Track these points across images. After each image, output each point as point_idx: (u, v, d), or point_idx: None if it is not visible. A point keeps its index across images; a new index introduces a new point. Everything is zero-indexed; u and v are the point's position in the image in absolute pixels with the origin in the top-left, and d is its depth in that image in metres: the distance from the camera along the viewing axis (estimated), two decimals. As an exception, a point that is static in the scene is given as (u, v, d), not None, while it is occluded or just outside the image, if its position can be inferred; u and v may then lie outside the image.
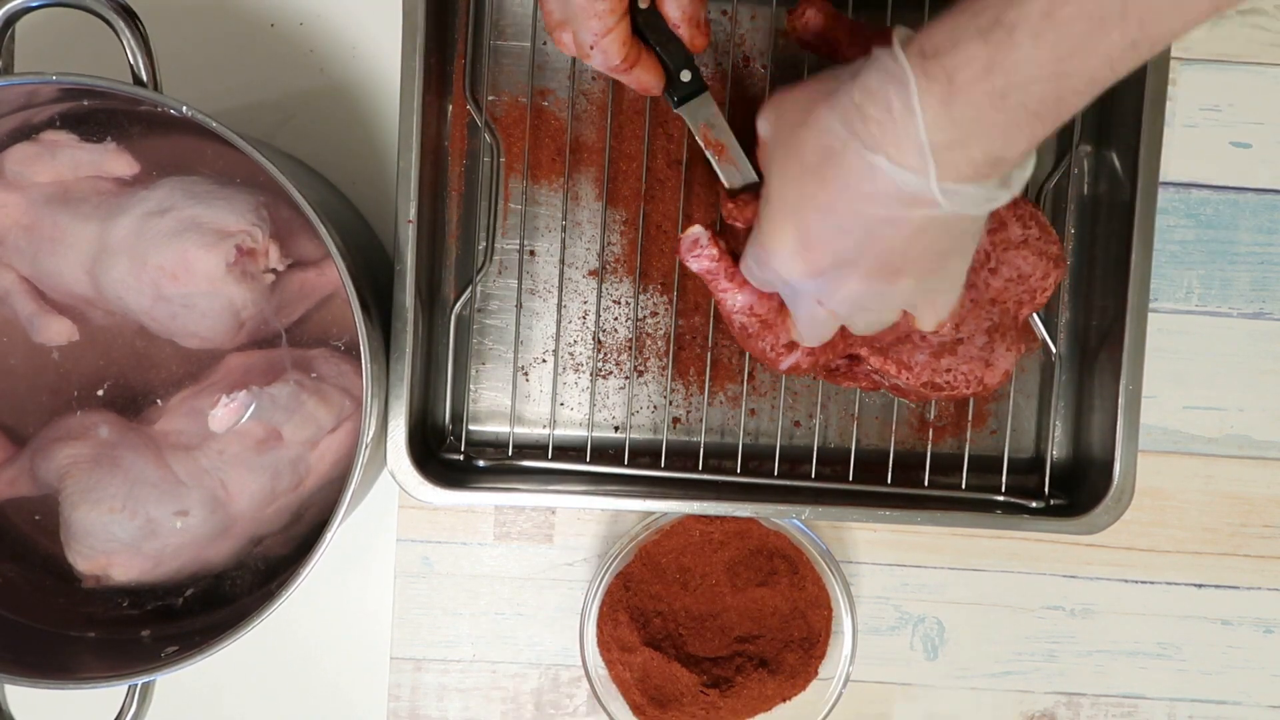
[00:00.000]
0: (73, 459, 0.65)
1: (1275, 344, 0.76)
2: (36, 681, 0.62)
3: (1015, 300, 0.65)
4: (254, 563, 0.69)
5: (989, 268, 0.64)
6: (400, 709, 0.76)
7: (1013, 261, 0.64)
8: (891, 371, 0.65)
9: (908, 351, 0.64)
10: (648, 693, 0.72)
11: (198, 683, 0.76)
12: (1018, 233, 0.64)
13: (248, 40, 0.74)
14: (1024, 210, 0.64)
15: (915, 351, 0.64)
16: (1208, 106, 0.75)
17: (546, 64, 0.73)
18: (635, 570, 0.73)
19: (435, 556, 0.76)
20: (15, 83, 0.60)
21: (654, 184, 0.73)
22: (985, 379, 0.65)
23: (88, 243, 0.63)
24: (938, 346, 0.64)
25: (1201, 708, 0.77)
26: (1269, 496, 0.76)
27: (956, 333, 0.64)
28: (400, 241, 0.66)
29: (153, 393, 0.69)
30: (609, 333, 0.74)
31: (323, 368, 0.67)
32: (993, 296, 0.64)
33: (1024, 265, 0.64)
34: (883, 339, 0.64)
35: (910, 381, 0.65)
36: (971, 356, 0.65)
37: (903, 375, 0.65)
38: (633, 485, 0.71)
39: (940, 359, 0.64)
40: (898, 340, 0.64)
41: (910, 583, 0.77)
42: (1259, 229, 0.75)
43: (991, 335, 0.64)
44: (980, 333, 0.64)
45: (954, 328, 0.64)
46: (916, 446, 0.74)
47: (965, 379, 0.65)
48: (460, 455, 0.72)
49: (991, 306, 0.64)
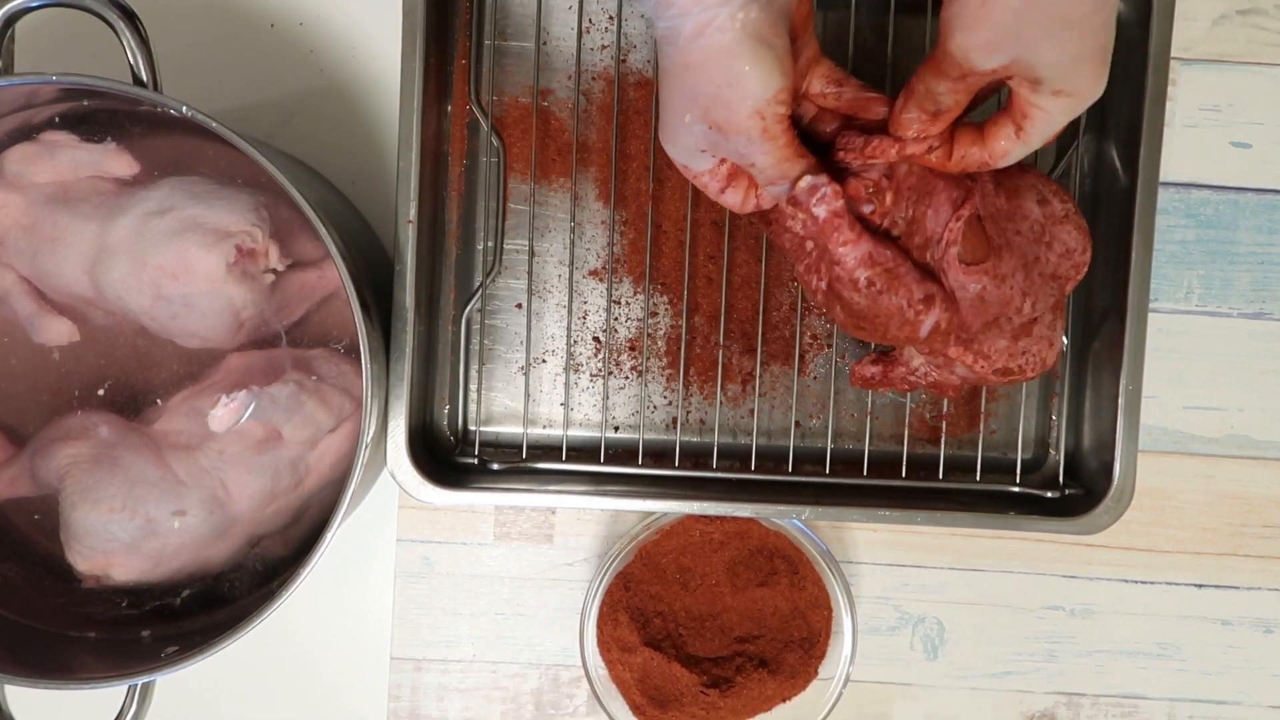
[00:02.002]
0: (73, 459, 0.65)
1: (1275, 344, 0.76)
2: (36, 681, 0.62)
3: (1065, 276, 0.64)
4: (253, 563, 0.69)
5: (1044, 241, 0.63)
6: (400, 709, 0.76)
7: (1061, 236, 0.63)
8: (968, 362, 0.63)
9: (990, 339, 0.63)
10: (648, 693, 0.72)
11: (198, 683, 0.76)
12: (1059, 207, 0.63)
13: (248, 40, 0.74)
14: (1057, 186, 0.64)
15: (998, 337, 0.63)
16: (1208, 106, 0.75)
17: (547, 64, 0.73)
18: (635, 570, 0.73)
19: (435, 556, 0.76)
20: (15, 83, 0.60)
21: (655, 183, 0.73)
22: (1048, 359, 0.64)
23: (88, 243, 0.63)
24: (1018, 328, 0.63)
25: (1201, 708, 0.77)
26: (1269, 496, 0.76)
27: (1033, 311, 0.63)
28: (400, 241, 0.66)
29: (153, 393, 0.69)
30: (609, 332, 0.74)
31: (323, 368, 0.67)
32: (1052, 271, 0.64)
33: (1069, 239, 0.63)
34: (971, 325, 0.62)
35: (983, 369, 0.64)
36: (1041, 336, 0.64)
37: (978, 364, 0.63)
38: (632, 485, 0.71)
39: (1018, 341, 0.63)
40: (986, 325, 0.63)
41: (910, 583, 0.77)
42: (1259, 229, 0.75)
43: (1054, 312, 0.64)
44: (1048, 310, 0.64)
45: (1032, 306, 0.63)
46: (917, 446, 0.74)
47: (1035, 360, 0.64)
48: (475, 460, 0.72)
49: (1053, 281, 0.64)
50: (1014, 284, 0.62)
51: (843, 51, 0.70)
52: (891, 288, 0.60)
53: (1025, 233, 0.62)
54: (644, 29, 0.72)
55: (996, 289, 0.61)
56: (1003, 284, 0.61)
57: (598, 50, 0.72)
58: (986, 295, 0.61)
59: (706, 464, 0.73)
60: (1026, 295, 0.62)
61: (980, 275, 0.60)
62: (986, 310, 0.61)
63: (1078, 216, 0.64)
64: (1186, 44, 0.74)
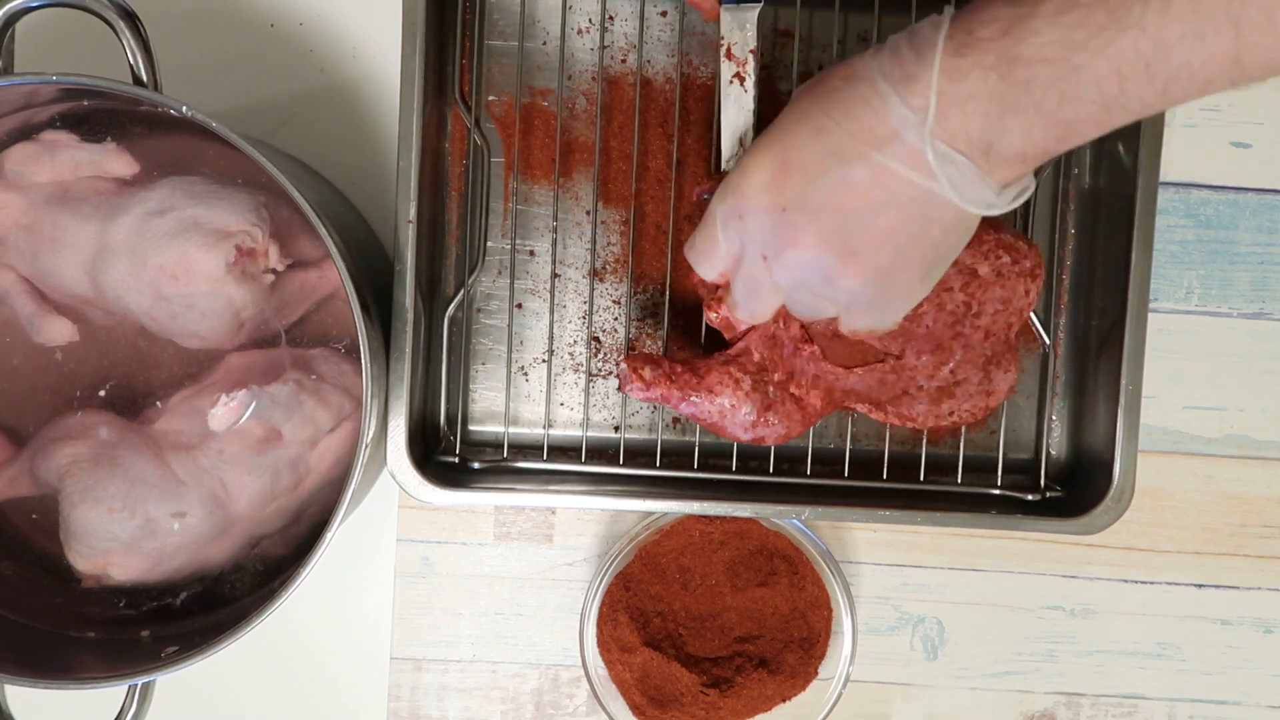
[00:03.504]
0: (72, 459, 0.65)
1: (1275, 344, 0.76)
2: (36, 681, 0.62)
3: (1005, 325, 0.65)
4: (253, 563, 0.69)
5: (971, 315, 0.64)
6: (400, 709, 0.76)
7: (992, 298, 0.64)
8: (894, 424, 0.66)
9: (906, 404, 0.65)
10: (648, 693, 0.72)
11: (198, 683, 0.76)
12: (987, 270, 0.64)
13: (247, 41, 0.74)
14: (988, 242, 0.63)
15: (914, 403, 0.65)
16: (1208, 106, 0.75)
17: (547, 64, 0.73)
18: (635, 570, 0.73)
19: (435, 556, 0.76)
20: (15, 83, 0.60)
21: (652, 183, 0.73)
22: (990, 404, 0.66)
23: (88, 243, 0.63)
24: (935, 393, 0.65)
25: (1201, 708, 0.77)
26: (1269, 496, 0.76)
27: (953, 377, 0.65)
28: (400, 241, 0.66)
29: (153, 393, 0.68)
30: (608, 332, 0.74)
31: (322, 368, 0.67)
32: (984, 333, 0.65)
33: (1004, 293, 0.64)
34: (879, 395, 0.65)
35: (917, 427, 0.66)
36: (970, 393, 0.66)
37: (907, 425, 0.66)
38: (631, 485, 0.71)
39: (940, 404, 0.65)
40: (894, 397, 0.65)
41: (910, 583, 0.77)
42: (1259, 229, 0.75)
43: (986, 367, 0.65)
44: (975, 369, 0.65)
45: (951, 373, 0.65)
46: (916, 447, 0.74)
47: (970, 413, 0.66)
48: (455, 457, 0.72)
49: (985, 342, 0.65)
50: (923, 366, 0.64)
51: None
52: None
53: (935, 320, 0.64)
54: (641, 29, 0.72)
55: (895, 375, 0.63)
56: (901, 371, 0.63)
57: (596, 50, 0.72)
58: (881, 378, 0.63)
59: (705, 464, 0.73)
60: (942, 366, 0.64)
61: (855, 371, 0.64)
62: (890, 387, 0.63)
63: (1014, 265, 0.64)
64: (1186, 44, 0.74)
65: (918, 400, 0.65)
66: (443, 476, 0.69)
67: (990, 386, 0.66)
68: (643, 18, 0.71)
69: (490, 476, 0.72)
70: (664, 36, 0.73)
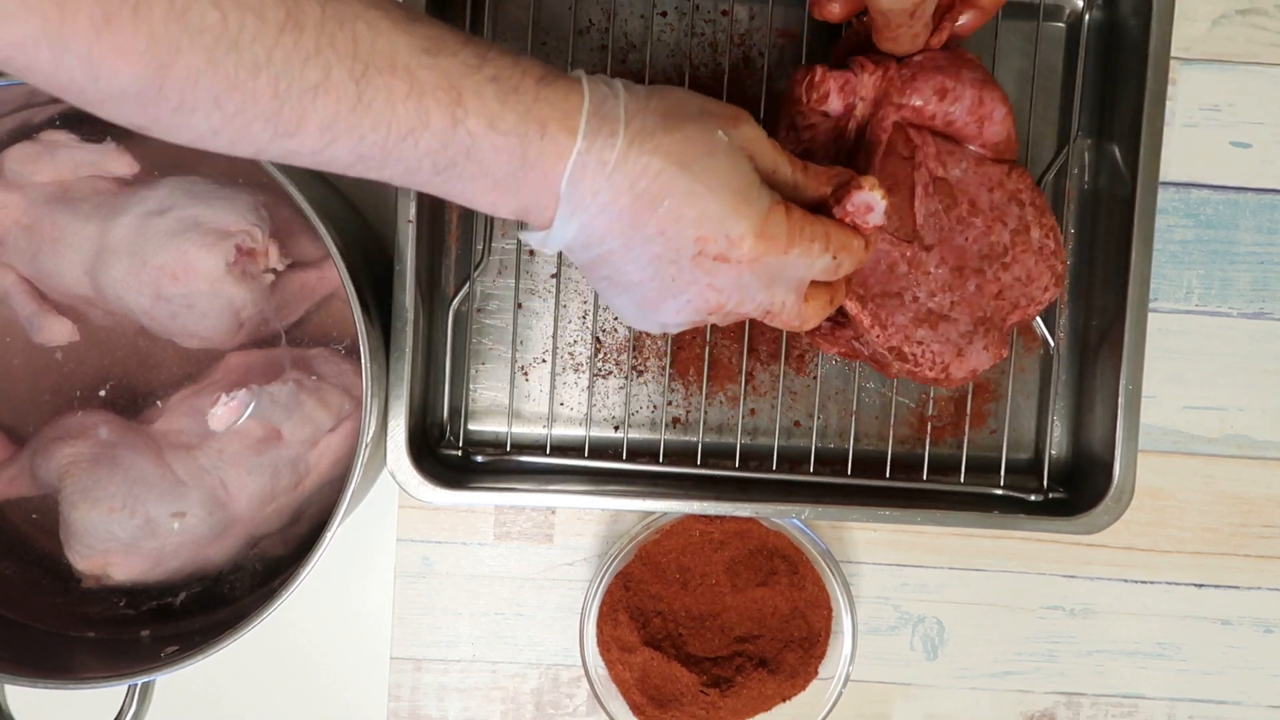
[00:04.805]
0: (72, 458, 0.65)
1: (1275, 344, 0.76)
2: (36, 681, 0.62)
3: (1012, 302, 0.65)
4: (253, 563, 0.69)
5: (1003, 261, 0.64)
6: (400, 709, 0.76)
7: (1025, 262, 0.65)
8: (865, 324, 0.62)
9: (889, 309, 0.62)
10: (648, 693, 0.72)
11: (198, 683, 0.76)
12: (1037, 238, 0.65)
13: (248, 40, 0.74)
14: (1049, 222, 0.65)
15: (896, 312, 0.62)
16: (1208, 106, 0.75)
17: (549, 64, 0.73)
18: (635, 570, 0.73)
19: (435, 556, 0.76)
20: (15, 83, 0.60)
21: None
22: (951, 369, 0.63)
23: (88, 243, 0.63)
24: (923, 314, 0.63)
25: (1201, 708, 0.77)
26: (1269, 496, 0.76)
27: (949, 309, 0.63)
28: (400, 241, 0.66)
29: (153, 393, 0.69)
30: (609, 332, 0.74)
31: (322, 368, 0.67)
32: (998, 290, 0.64)
33: (1033, 269, 0.65)
34: (871, 286, 0.62)
35: (879, 340, 0.62)
36: (948, 339, 0.63)
37: (874, 331, 0.62)
38: (632, 484, 0.71)
39: (918, 328, 0.62)
40: (889, 294, 0.62)
41: (910, 583, 0.77)
42: (1259, 229, 0.75)
43: (976, 326, 0.64)
44: (967, 318, 0.63)
45: (950, 304, 0.63)
46: (916, 447, 0.74)
47: (932, 359, 0.63)
48: (458, 451, 0.72)
49: (992, 300, 0.64)
50: (937, 276, 0.63)
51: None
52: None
53: (975, 241, 0.63)
54: (642, 29, 0.72)
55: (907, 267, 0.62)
56: (916, 266, 0.62)
57: (595, 51, 0.72)
58: (894, 263, 0.62)
59: (707, 463, 0.73)
60: (948, 291, 0.63)
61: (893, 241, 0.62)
62: (892, 280, 0.62)
63: (1054, 257, 0.65)
64: (1186, 44, 0.74)
65: (903, 310, 0.63)
66: (443, 476, 0.69)
67: (966, 348, 0.63)
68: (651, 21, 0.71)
69: (492, 474, 0.72)
70: (665, 37, 0.73)
